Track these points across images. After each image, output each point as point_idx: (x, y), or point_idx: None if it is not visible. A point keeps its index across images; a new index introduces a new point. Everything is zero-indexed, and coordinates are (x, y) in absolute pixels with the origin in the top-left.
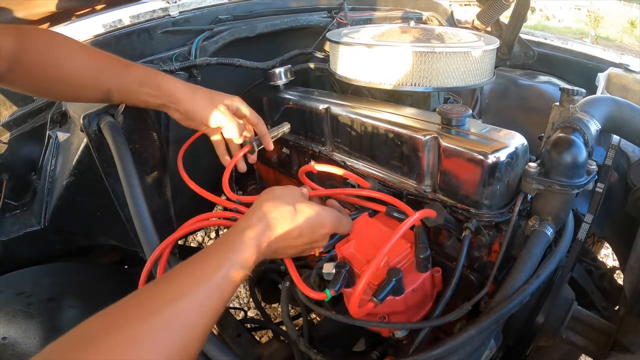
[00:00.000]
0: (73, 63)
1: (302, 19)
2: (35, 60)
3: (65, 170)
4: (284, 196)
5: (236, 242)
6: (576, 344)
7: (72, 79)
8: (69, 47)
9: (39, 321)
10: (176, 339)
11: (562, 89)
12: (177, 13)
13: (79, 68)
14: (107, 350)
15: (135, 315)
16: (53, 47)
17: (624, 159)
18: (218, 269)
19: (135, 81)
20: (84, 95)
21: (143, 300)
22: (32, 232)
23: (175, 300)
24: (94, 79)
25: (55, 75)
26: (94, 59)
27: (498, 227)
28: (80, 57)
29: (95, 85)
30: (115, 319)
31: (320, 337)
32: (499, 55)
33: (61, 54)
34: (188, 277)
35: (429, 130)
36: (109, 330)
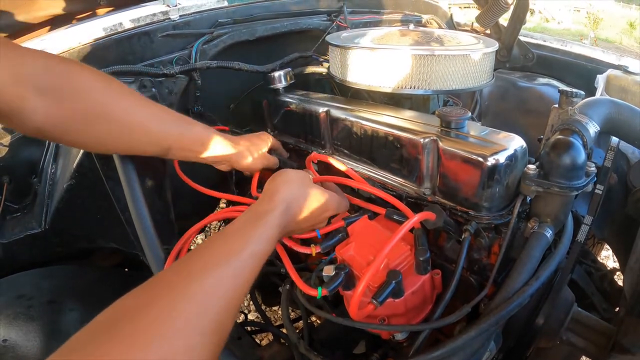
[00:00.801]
0: (138, 117)
1: (302, 22)
2: (90, 107)
3: (66, 173)
4: (297, 179)
5: (260, 222)
6: (576, 345)
7: (136, 134)
8: (130, 96)
9: (39, 324)
10: (215, 308)
11: (561, 91)
12: (178, 17)
13: (144, 122)
14: (151, 319)
15: (172, 283)
16: (112, 94)
17: (624, 160)
18: (246, 245)
19: (197, 142)
20: (142, 149)
21: (179, 271)
22: (32, 235)
23: (209, 270)
24: (157, 135)
25: (116, 127)
26: (158, 113)
27: (497, 229)
28: (145, 110)
29: (157, 141)
30: (151, 290)
31: (320, 339)
32: (498, 58)
33: (125, 103)
34: (218, 253)
35: (428, 133)
36: (152, 300)
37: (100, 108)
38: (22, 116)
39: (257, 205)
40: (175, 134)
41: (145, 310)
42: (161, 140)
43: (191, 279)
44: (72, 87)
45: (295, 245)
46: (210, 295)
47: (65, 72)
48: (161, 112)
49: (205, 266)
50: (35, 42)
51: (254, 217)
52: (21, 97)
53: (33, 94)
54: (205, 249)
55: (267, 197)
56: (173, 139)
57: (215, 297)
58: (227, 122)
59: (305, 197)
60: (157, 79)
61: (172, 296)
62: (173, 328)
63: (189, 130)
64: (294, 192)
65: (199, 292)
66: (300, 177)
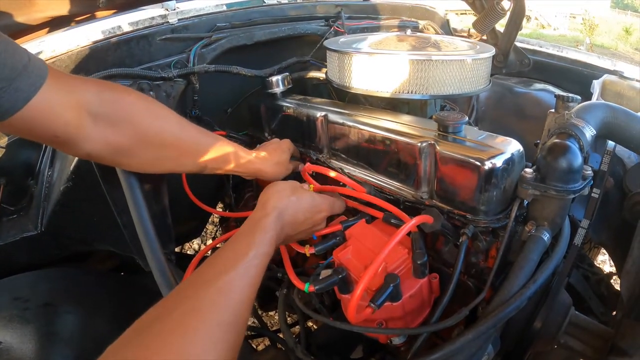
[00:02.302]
0: (184, 140)
1: (300, 27)
2: (141, 133)
3: (63, 176)
4: (286, 188)
5: (257, 228)
6: (574, 349)
7: (182, 156)
8: (175, 120)
9: (35, 326)
10: (230, 304)
11: (557, 95)
12: (176, 20)
13: (189, 144)
14: (177, 319)
15: (192, 289)
16: (159, 118)
17: (620, 164)
18: (249, 249)
19: (228, 160)
20: (186, 169)
21: (195, 279)
22: (28, 237)
23: (221, 274)
24: (198, 155)
25: (166, 151)
26: (198, 135)
27: (495, 233)
28: (188, 132)
29: (198, 161)
30: (176, 296)
31: (317, 344)
32: (495, 63)
33: (172, 128)
34: (226, 258)
35: (426, 137)
36: (176, 305)
37: (151, 133)
38: (77, 142)
39: (254, 214)
40: (212, 154)
41: (171, 313)
42: (200, 160)
43: (207, 284)
44: (123, 114)
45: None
46: (224, 295)
47: (115, 98)
48: (200, 133)
49: (217, 272)
50: (34, 44)
51: (252, 224)
52: (77, 124)
53: (88, 121)
54: (216, 257)
55: (260, 206)
56: (210, 158)
57: (228, 297)
58: (224, 126)
59: (296, 201)
60: (155, 83)
61: (193, 299)
62: (195, 324)
63: (221, 149)
64: (284, 198)
65: (214, 294)
66: (290, 186)
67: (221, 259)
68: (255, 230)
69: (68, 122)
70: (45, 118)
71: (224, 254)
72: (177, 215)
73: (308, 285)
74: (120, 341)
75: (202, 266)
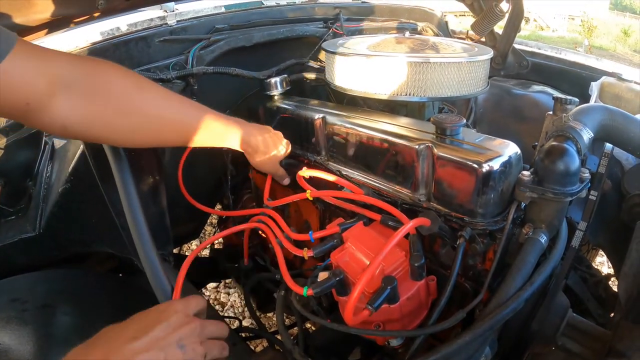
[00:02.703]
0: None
1: (299, 29)
2: (117, 102)
3: (61, 177)
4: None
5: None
6: (572, 351)
7: (163, 126)
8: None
9: (33, 328)
10: None
11: (555, 97)
12: (175, 22)
13: (170, 114)
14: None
15: None
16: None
17: (618, 167)
18: None
19: (217, 135)
20: (167, 140)
21: None
22: (27, 239)
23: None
24: (181, 126)
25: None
26: (181, 105)
27: (492, 235)
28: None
29: (181, 132)
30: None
31: (315, 346)
32: (493, 65)
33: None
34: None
35: (423, 140)
36: None
37: (127, 102)
38: (51, 111)
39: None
40: (197, 125)
41: None
42: (184, 131)
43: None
44: (98, 84)
45: (289, 246)
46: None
47: (91, 69)
48: (185, 105)
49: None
50: None
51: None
52: (49, 92)
53: (61, 90)
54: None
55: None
56: (194, 129)
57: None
58: None
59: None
60: None
61: None
62: None
63: (208, 124)
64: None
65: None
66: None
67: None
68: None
69: (40, 89)
70: (15, 84)
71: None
72: (175, 216)
73: (306, 289)
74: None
75: None
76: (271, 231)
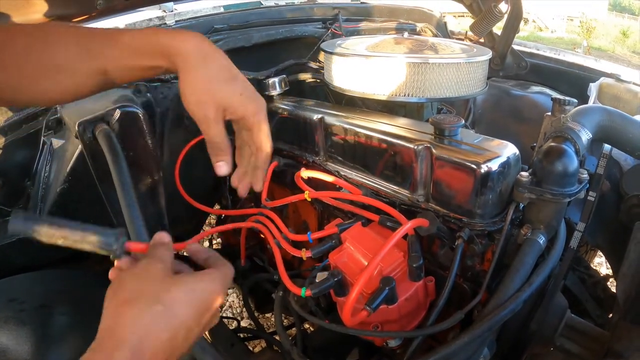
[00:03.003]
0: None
1: (297, 29)
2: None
3: (60, 177)
4: (140, 292)
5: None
6: (570, 351)
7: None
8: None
9: (30, 328)
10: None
11: (554, 99)
12: (174, 22)
13: (65, 50)
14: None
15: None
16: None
17: (616, 167)
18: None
19: (130, 52)
20: (76, 86)
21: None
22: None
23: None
24: (83, 61)
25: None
26: (78, 36)
27: (491, 236)
28: (65, 37)
29: (87, 69)
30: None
31: (313, 346)
32: (492, 66)
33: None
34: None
35: (422, 140)
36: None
37: (41, 66)
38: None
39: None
40: (102, 50)
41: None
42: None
43: None
44: (9, 56)
45: (287, 246)
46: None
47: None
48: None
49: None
50: None
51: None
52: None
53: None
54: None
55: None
56: (104, 60)
57: None
58: None
59: (164, 313)
60: (152, 84)
61: None
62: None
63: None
64: (143, 316)
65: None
66: (142, 285)
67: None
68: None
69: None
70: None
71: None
72: (174, 216)
73: (305, 290)
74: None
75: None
76: (269, 231)
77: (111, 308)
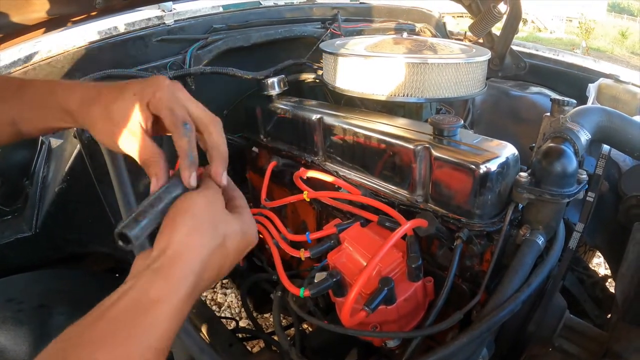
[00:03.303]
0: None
1: (296, 29)
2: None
3: (58, 177)
4: (209, 222)
5: (147, 315)
6: (569, 352)
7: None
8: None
9: (29, 328)
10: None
11: (553, 99)
12: (172, 22)
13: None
14: None
15: None
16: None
17: (615, 168)
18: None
19: (33, 105)
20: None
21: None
22: (23, 238)
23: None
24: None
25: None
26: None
27: (489, 237)
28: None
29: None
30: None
31: (312, 347)
32: (491, 67)
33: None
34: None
35: (421, 141)
36: None
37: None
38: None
39: (148, 282)
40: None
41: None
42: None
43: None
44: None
45: (285, 246)
46: None
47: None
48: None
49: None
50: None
51: (140, 307)
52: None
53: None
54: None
55: (163, 271)
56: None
57: None
58: None
59: (224, 249)
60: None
61: None
62: None
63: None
64: (205, 249)
65: None
66: (211, 210)
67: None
68: (144, 318)
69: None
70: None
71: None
72: None
73: (303, 290)
74: None
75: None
76: (267, 232)
77: (183, 231)
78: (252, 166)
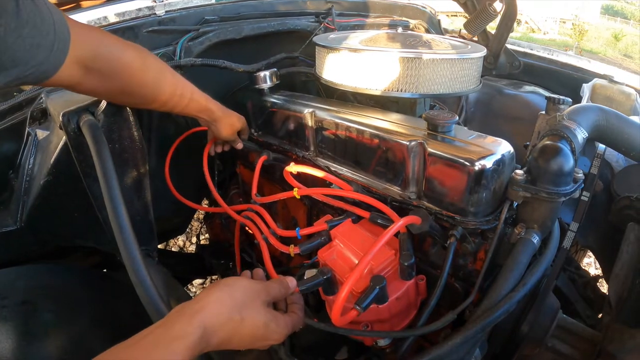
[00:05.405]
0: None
1: (290, 22)
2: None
3: (44, 169)
4: (237, 298)
5: (167, 348)
6: (562, 352)
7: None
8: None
9: (12, 325)
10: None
11: (549, 97)
12: (163, 12)
13: (159, 91)
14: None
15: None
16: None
17: (608, 169)
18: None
19: (195, 109)
20: (146, 106)
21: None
22: (7, 232)
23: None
24: (165, 98)
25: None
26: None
27: (484, 235)
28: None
29: (163, 102)
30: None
31: (301, 345)
32: (485, 65)
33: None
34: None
35: (415, 136)
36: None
37: (136, 88)
38: (73, 89)
39: (174, 320)
40: (179, 98)
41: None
42: (165, 102)
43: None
44: (115, 70)
45: (275, 242)
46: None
47: (109, 54)
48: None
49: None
50: None
51: (162, 339)
52: (73, 77)
53: (82, 73)
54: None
55: (188, 313)
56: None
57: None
58: None
59: (239, 323)
60: None
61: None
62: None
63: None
64: (224, 315)
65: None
66: (244, 297)
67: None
68: (165, 350)
69: (66, 75)
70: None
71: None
72: (161, 211)
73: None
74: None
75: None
76: (256, 227)
77: (208, 294)
78: (242, 160)
